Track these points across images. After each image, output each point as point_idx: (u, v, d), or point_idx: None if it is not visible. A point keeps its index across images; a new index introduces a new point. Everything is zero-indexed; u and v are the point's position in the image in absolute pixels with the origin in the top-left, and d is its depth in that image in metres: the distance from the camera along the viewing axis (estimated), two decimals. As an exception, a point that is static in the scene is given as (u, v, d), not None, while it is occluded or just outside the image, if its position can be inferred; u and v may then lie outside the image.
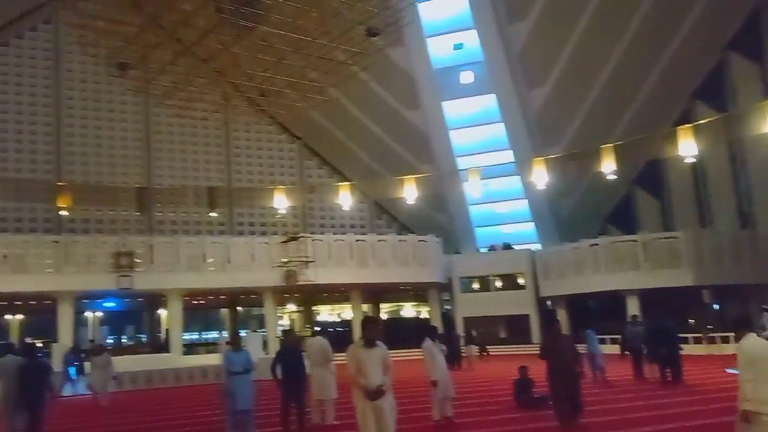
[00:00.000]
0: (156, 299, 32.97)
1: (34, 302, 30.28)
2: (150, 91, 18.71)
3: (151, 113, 35.22)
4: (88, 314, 33.35)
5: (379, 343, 7.03)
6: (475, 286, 36.02)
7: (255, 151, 38.79)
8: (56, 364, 20.52)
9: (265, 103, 20.88)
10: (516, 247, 36.43)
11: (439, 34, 34.01)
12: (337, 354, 11.47)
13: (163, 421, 13.07)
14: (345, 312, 37.58)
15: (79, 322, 31.22)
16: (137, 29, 16.18)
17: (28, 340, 30.44)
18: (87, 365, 20.92)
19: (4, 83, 33.43)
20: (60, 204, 27.95)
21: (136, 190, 30.87)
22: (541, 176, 24.96)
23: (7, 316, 32.08)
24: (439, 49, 34.28)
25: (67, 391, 19.79)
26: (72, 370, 21.55)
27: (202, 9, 15.25)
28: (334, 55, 15.93)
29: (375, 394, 6.78)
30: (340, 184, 31.11)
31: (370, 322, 7.46)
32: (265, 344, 28.94)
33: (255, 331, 31.57)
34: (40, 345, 25.85)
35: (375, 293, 36.16)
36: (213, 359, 26.37)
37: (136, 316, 35.88)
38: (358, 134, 36.72)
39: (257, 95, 18.57)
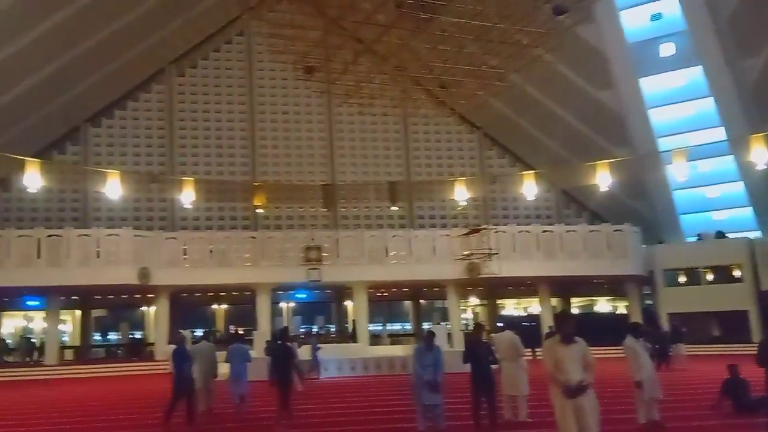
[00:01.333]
0: (343, 291, 35.32)
1: (236, 293, 34.20)
2: (333, 91, 20.13)
3: (334, 113, 37.70)
4: (283, 305, 36.75)
5: (578, 338, 6.93)
6: (682, 279, 33.42)
7: (434, 144, 39.63)
8: (257, 350, 23.03)
9: (444, 94, 21.30)
10: (730, 235, 33.06)
11: (633, 6, 32.02)
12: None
13: (361, 407, 14.02)
14: (532, 306, 36.99)
15: (275, 312, 34.58)
16: (321, 32, 17.50)
17: (232, 328, 34.60)
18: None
19: (206, 94, 37.97)
20: (256, 203, 31.18)
21: (322, 187, 33.29)
22: (761, 155, 22.41)
23: (214, 306, 36.53)
24: (634, 22, 32.20)
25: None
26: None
27: (382, 6, 16.04)
28: (516, 39, 15.77)
29: (575, 391, 6.68)
30: (523, 173, 30.65)
31: (566, 317, 7.36)
32: (449, 337, 29.58)
33: (438, 324, 32.38)
34: (241, 332, 29.38)
35: (564, 287, 35.13)
36: (399, 350, 27.65)
37: (325, 307, 38.74)
38: (543, 120, 35.79)
39: (437, 87, 19.03)
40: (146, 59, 35.62)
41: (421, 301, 37.80)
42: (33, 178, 22.98)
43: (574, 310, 36.67)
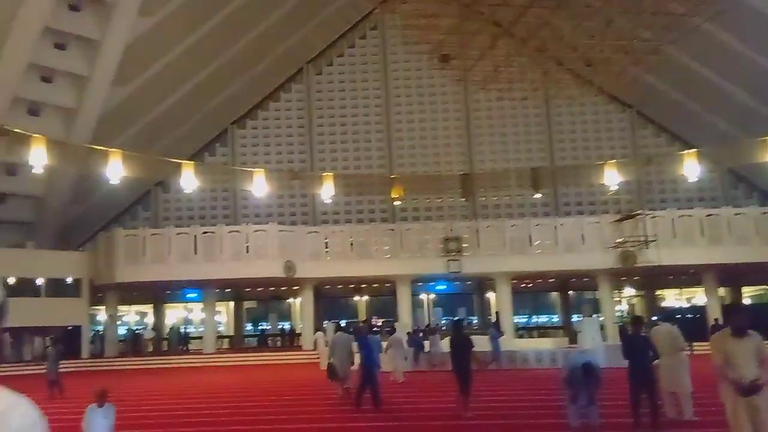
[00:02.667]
0: (484, 282, 35.28)
1: (376, 285, 35.37)
2: (470, 78, 20.20)
3: (471, 100, 37.66)
4: (423, 296, 37.43)
5: (751, 332, 6.56)
6: None
7: (580, 126, 38.29)
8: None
9: (591, 73, 20.58)
10: None
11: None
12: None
13: (506, 401, 14.10)
14: (696, 297, 34.65)
15: (416, 304, 35.33)
16: (457, 20, 17.64)
17: (374, 318, 35.82)
18: (426, 344, 23.93)
19: (342, 90, 39.52)
20: (393, 195, 32.00)
21: (460, 176, 33.40)
22: None
23: (355, 297, 38.04)
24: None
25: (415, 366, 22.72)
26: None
27: (520, -14, 15.85)
28: (671, 8, 14.89)
29: (748, 389, 6.33)
30: (683, 152, 28.73)
31: (738, 309, 7.00)
32: (602, 330, 28.60)
33: (590, 317, 31.36)
34: (380, 324, 30.40)
35: (733, 275, 32.60)
36: (546, 344, 27.14)
37: (466, 298, 38.92)
38: (703, 94, 33.23)
39: (582, 66, 18.46)
40: (285, 61, 37.81)
41: (569, 292, 36.78)
42: (188, 180, 25.24)
43: (746, 301, 33.82)
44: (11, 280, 29.44)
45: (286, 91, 39.83)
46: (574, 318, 34.58)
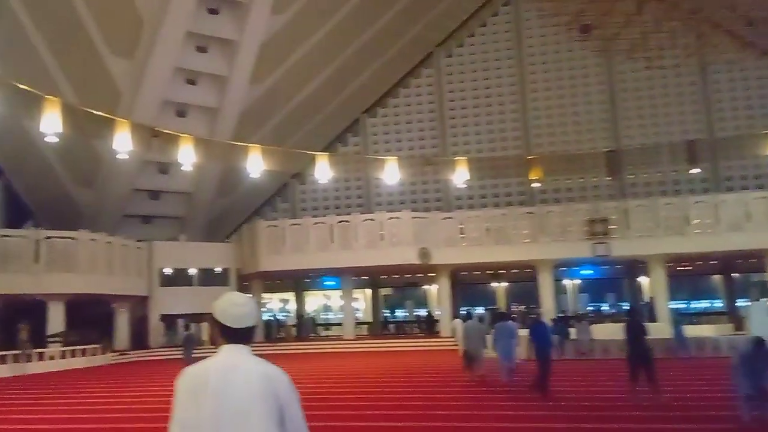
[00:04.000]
0: (635, 266, 33.15)
1: (516, 270, 34.39)
2: (613, 48, 18.78)
3: (615, 72, 35.38)
4: (567, 282, 35.91)
5: None
6: None
7: (742, 93, 34.74)
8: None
9: (752, 33, 18.39)
10: None
11: None
12: None
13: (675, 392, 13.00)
14: None
15: (559, 290, 33.97)
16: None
17: (513, 305, 34.96)
18: (572, 331, 22.93)
19: (473, 71, 38.67)
20: (531, 177, 30.76)
21: (605, 154, 31.44)
22: None
23: (493, 284, 37.31)
24: None
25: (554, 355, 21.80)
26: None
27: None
28: None
29: None
30: None
31: None
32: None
33: (757, 301, 28.48)
34: (520, 309, 29.45)
35: None
36: (708, 331, 25.02)
37: (615, 283, 36.87)
38: None
39: (743, 26, 16.51)
40: (414, 46, 37.64)
41: (733, 274, 33.71)
42: (323, 171, 25.83)
43: None
44: (168, 271, 32.07)
45: (416, 76, 39.71)
46: (741, 302, 31.59)
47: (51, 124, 18.10)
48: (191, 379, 2.63)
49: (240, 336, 2.69)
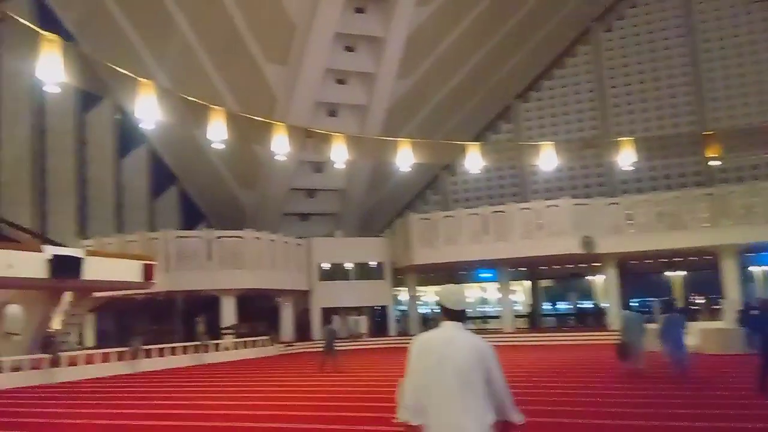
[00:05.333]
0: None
1: (693, 258, 31.62)
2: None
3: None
4: (755, 269, 32.47)
5: None
6: None
7: None
8: (727, 321, 20.85)
9: None
10: None
11: None
12: None
13: None
14: None
15: (746, 278, 30.77)
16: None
17: (693, 296, 32.19)
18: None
19: (637, 44, 36.17)
20: (708, 155, 28.04)
21: (795, 124, 27.98)
22: None
23: (668, 273, 34.61)
24: None
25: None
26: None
27: None
28: None
29: None
30: None
31: None
32: None
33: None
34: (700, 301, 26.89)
35: None
36: None
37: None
38: None
39: None
40: (568, 23, 35.99)
41: None
42: (474, 161, 25.47)
43: None
44: (326, 266, 33.51)
45: (571, 55, 38.03)
46: None
47: (217, 132, 19.65)
48: (421, 344, 3.63)
49: (456, 315, 3.66)
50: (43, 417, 11.43)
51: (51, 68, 12.30)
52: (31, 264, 18.96)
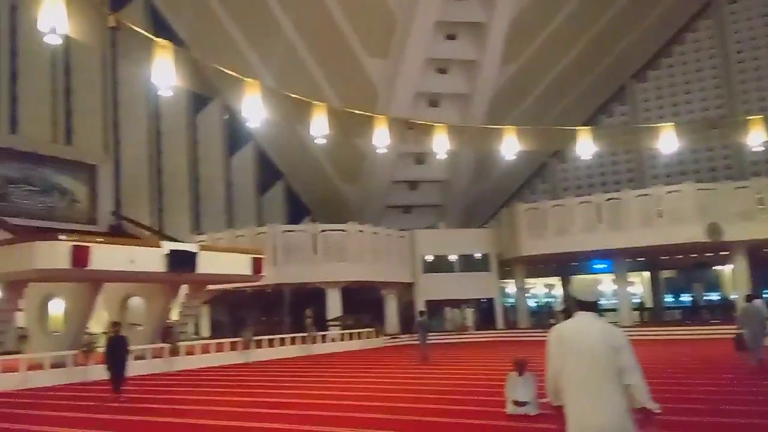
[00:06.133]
0: None
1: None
2: None
3: None
4: None
5: None
6: None
7: None
8: None
9: None
10: None
11: None
12: None
13: None
14: None
15: None
16: None
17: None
18: None
19: (766, 15, 33.71)
20: None
21: None
22: None
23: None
24: None
25: None
26: None
27: None
28: None
29: None
30: None
31: None
32: None
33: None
34: None
35: None
36: None
37: None
38: None
39: None
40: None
41: None
42: (585, 146, 24.79)
43: None
44: (430, 258, 33.75)
45: (691, 30, 36.03)
46: None
47: (319, 127, 20.35)
48: (559, 332, 4.03)
49: (589, 306, 4.01)
50: (167, 403, 12.38)
51: (164, 73, 13.24)
52: (151, 259, 20.43)
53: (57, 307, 23.28)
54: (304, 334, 25.74)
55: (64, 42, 12.64)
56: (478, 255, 34.11)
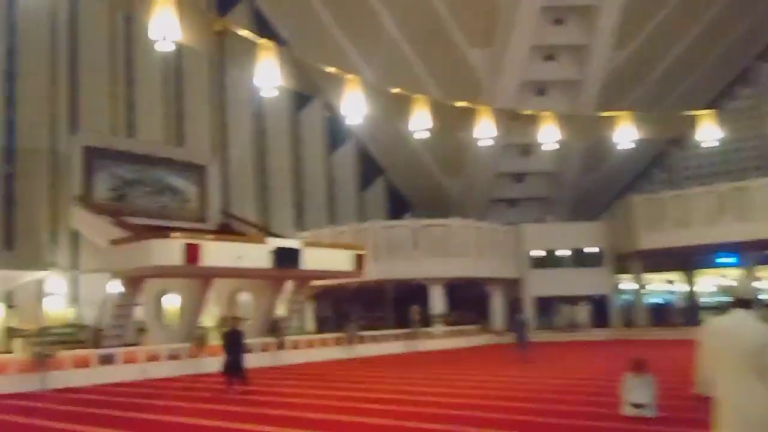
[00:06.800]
0: None
1: None
2: None
3: None
4: None
5: None
6: None
7: None
8: None
9: None
10: None
11: None
12: None
13: None
14: None
15: None
16: None
17: None
18: None
19: None
20: None
21: None
22: None
23: None
24: None
25: None
26: None
27: None
28: None
29: None
30: None
31: None
32: None
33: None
34: None
35: None
36: None
37: None
38: None
39: None
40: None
41: None
42: (708, 132, 23.54)
43: None
44: (538, 253, 33.10)
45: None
46: None
47: (420, 121, 20.49)
48: (712, 328, 4.27)
49: (745, 303, 4.23)
50: (278, 396, 12.91)
51: (268, 73, 13.79)
52: (258, 255, 21.36)
53: (172, 302, 24.81)
54: (409, 330, 25.98)
55: (174, 48, 13.45)
56: (589, 249, 33.14)
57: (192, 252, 19.53)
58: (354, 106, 17.42)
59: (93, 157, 26.45)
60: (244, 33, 14.33)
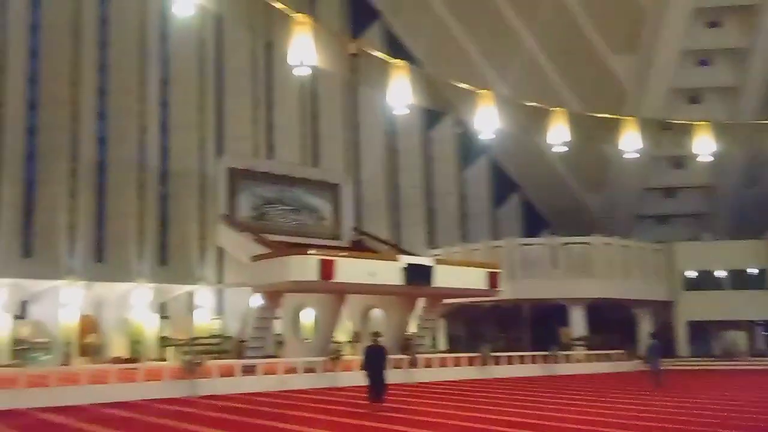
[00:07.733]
0: None
1: None
2: None
3: None
4: None
5: None
6: None
7: None
8: None
9: None
10: None
11: None
12: None
13: None
14: None
15: None
16: None
17: None
18: None
19: None
20: None
21: None
22: None
23: None
24: None
25: None
26: None
27: None
28: None
29: None
30: None
31: None
32: None
33: None
34: None
35: None
36: None
37: None
38: None
39: None
40: None
41: None
42: None
43: None
44: (692, 273, 31.48)
45: None
46: None
47: (559, 134, 20.42)
48: None
49: None
50: (412, 414, 13.26)
51: (400, 92, 14.49)
52: (390, 272, 22.13)
53: (308, 316, 26.17)
54: (547, 353, 25.59)
55: (310, 71, 14.46)
56: (752, 270, 31.17)
57: (327, 268, 20.61)
58: (487, 121, 17.74)
59: (236, 178, 28.54)
60: (378, 54, 15.15)
